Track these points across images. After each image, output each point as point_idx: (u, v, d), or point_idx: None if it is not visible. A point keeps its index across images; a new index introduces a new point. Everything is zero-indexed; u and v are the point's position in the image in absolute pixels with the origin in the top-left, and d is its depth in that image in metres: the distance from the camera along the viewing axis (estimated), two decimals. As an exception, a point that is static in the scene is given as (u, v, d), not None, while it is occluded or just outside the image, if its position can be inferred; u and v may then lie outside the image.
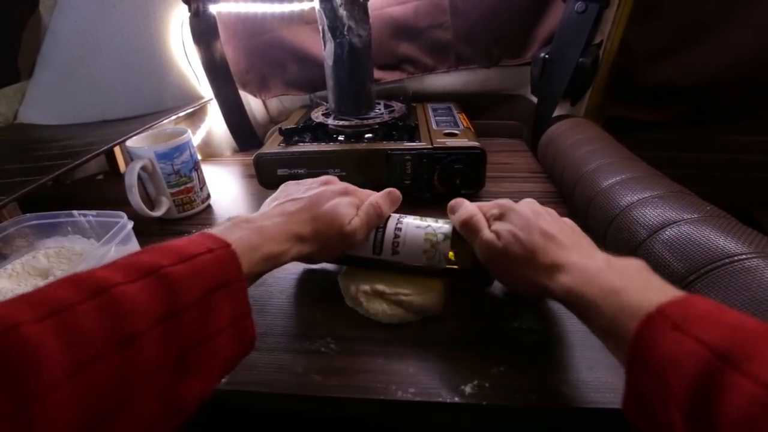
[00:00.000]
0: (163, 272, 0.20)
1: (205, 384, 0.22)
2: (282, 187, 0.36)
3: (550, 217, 0.30)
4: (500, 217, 0.31)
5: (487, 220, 0.32)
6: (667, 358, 0.18)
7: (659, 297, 0.20)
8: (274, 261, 0.28)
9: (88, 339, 0.17)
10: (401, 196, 0.37)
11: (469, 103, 0.71)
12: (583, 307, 0.24)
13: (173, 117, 0.63)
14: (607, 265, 0.24)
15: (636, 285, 0.22)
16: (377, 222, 0.34)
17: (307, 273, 0.41)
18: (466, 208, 0.33)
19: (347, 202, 0.33)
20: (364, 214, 0.33)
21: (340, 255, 0.35)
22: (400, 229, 0.34)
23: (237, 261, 0.24)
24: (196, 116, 0.73)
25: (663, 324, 0.19)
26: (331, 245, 0.32)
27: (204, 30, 0.65)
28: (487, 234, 0.30)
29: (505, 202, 0.32)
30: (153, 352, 0.19)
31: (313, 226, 0.31)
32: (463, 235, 0.33)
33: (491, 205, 0.32)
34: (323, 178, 0.36)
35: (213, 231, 0.26)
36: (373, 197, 0.35)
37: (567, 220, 0.31)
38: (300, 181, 0.36)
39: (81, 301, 0.17)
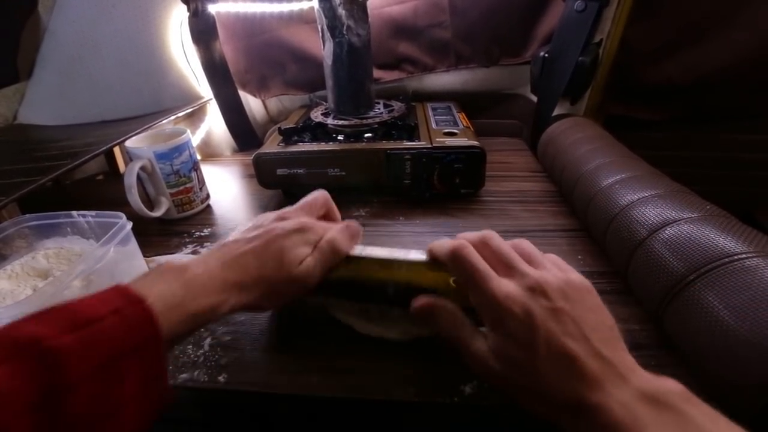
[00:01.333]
0: (43, 346, 0.17)
1: None
2: (237, 228, 0.33)
3: (563, 312, 0.22)
4: (495, 323, 0.23)
5: (481, 317, 0.24)
6: None
7: None
8: (205, 317, 0.24)
9: None
10: (361, 229, 0.32)
11: (468, 102, 0.71)
12: None
13: (172, 117, 0.63)
14: (644, 410, 0.19)
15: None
16: (334, 261, 0.30)
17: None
18: (442, 318, 0.26)
19: (300, 240, 0.29)
20: (319, 253, 0.29)
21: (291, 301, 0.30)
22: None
23: (152, 320, 0.20)
24: (196, 116, 0.73)
25: None
26: (279, 291, 0.28)
27: (203, 30, 0.65)
28: (477, 349, 0.24)
29: (497, 291, 0.23)
30: None
31: (258, 271, 0.27)
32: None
33: (486, 299, 0.23)
34: (278, 212, 0.32)
35: (133, 282, 0.23)
36: (330, 233, 0.30)
37: (583, 290, 0.23)
38: (260, 216, 0.32)
39: None
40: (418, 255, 0.30)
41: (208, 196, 0.57)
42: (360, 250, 0.31)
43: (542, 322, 0.21)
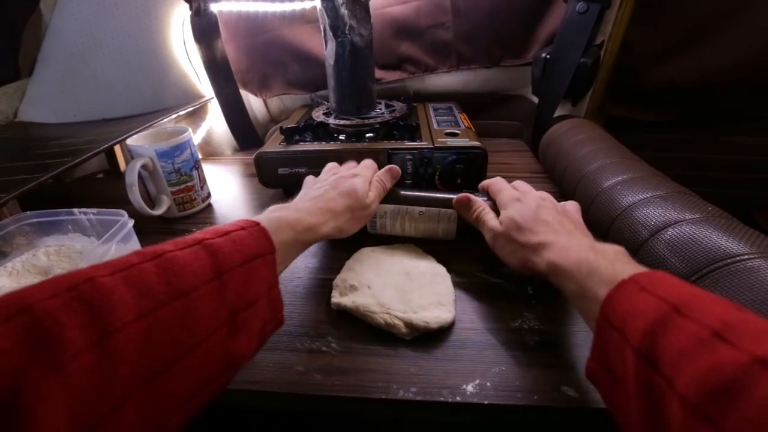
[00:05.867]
0: (206, 242, 0.23)
1: (253, 344, 0.25)
2: (305, 182, 0.43)
3: (554, 210, 0.34)
4: (506, 206, 0.36)
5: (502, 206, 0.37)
6: (630, 312, 0.21)
7: (630, 270, 0.23)
8: (314, 231, 0.32)
9: (151, 289, 0.19)
10: (400, 171, 0.44)
11: (470, 103, 0.71)
12: (561, 277, 0.27)
13: (174, 116, 0.63)
14: (589, 246, 0.28)
15: (609, 261, 0.25)
16: (384, 193, 0.42)
17: (308, 272, 0.41)
18: (474, 204, 0.39)
19: (360, 180, 0.39)
20: (375, 189, 0.40)
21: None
22: (406, 215, 0.43)
23: (268, 236, 0.27)
24: (197, 115, 0.73)
25: (632, 287, 0.22)
26: (357, 216, 0.38)
27: (205, 29, 0.65)
28: (491, 225, 0.36)
29: (513, 193, 0.37)
30: (207, 307, 0.21)
31: (343, 202, 0.36)
32: (476, 225, 0.39)
33: (504, 197, 0.37)
34: (330, 166, 0.44)
35: (252, 218, 0.29)
36: (378, 175, 0.42)
37: (573, 212, 0.35)
38: (321, 173, 0.43)
39: (143, 261, 0.20)
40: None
41: (209, 195, 0.57)
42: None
43: (538, 207, 0.34)
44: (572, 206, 0.37)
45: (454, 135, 0.54)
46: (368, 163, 0.44)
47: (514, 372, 0.29)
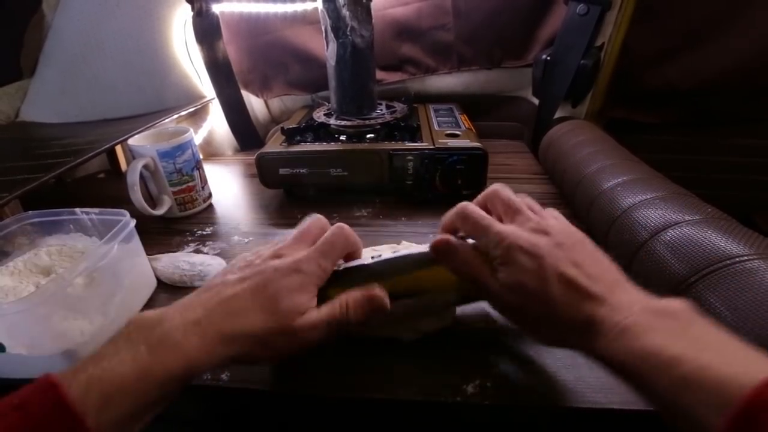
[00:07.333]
0: None
1: None
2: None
3: (565, 246, 0.23)
4: (505, 260, 0.24)
5: (489, 259, 0.25)
6: None
7: (736, 371, 0.16)
8: (182, 378, 0.21)
9: None
10: (388, 304, 0.26)
11: (470, 104, 0.71)
12: (635, 379, 0.19)
13: (175, 116, 0.63)
14: (650, 317, 0.19)
15: (692, 352, 0.17)
16: (339, 324, 0.25)
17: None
18: (459, 256, 0.26)
19: (297, 282, 0.24)
20: (329, 311, 0.25)
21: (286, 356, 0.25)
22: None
23: (65, 410, 0.17)
24: (198, 115, 0.73)
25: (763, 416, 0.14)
26: (273, 344, 0.24)
27: (207, 29, 0.66)
28: (495, 289, 0.24)
29: (505, 234, 0.24)
30: None
31: (247, 319, 0.23)
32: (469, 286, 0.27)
33: (493, 242, 0.25)
34: (272, 249, 0.27)
35: (82, 360, 0.20)
36: (349, 298, 0.26)
37: (576, 234, 0.25)
38: (252, 252, 0.28)
39: None
40: (419, 249, 0.29)
41: (210, 195, 0.57)
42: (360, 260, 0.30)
43: (548, 253, 0.23)
44: (560, 220, 0.27)
45: (454, 136, 0.54)
46: (313, 232, 0.28)
47: (515, 372, 0.29)
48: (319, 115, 0.61)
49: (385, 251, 0.32)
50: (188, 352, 0.21)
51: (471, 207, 0.27)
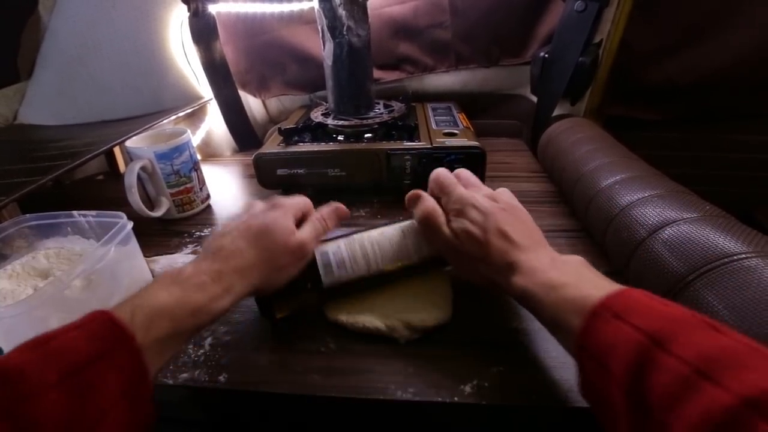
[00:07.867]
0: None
1: None
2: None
3: (507, 212, 0.30)
4: (459, 213, 0.30)
5: (447, 213, 0.31)
6: (609, 344, 0.20)
7: (595, 292, 0.22)
8: (208, 312, 0.25)
9: None
10: (350, 213, 0.36)
11: (468, 102, 0.71)
12: (532, 303, 0.26)
13: (173, 117, 0.63)
14: (550, 261, 0.27)
15: (573, 281, 0.24)
16: (323, 234, 0.33)
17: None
18: (424, 203, 0.32)
19: (280, 214, 0.30)
20: (311, 225, 0.32)
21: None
22: (363, 239, 0.33)
23: (119, 327, 0.21)
24: (196, 116, 0.73)
25: (605, 315, 0.21)
26: (281, 264, 0.29)
27: (203, 30, 0.65)
28: (445, 232, 0.31)
29: (464, 195, 0.31)
30: None
31: (255, 252, 0.28)
32: (423, 230, 0.33)
33: (454, 199, 0.31)
34: (247, 204, 0.33)
35: (124, 299, 0.23)
36: (322, 211, 0.34)
37: (519, 208, 0.31)
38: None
39: None
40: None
41: (208, 196, 0.57)
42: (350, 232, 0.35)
43: (493, 212, 0.29)
44: (509, 196, 0.33)
45: (452, 135, 0.54)
46: (298, 198, 0.34)
47: (512, 372, 0.29)
48: (316, 115, 0.61)
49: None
50: (212, 291, 0.25)
51: (444, 172, 0.34)
